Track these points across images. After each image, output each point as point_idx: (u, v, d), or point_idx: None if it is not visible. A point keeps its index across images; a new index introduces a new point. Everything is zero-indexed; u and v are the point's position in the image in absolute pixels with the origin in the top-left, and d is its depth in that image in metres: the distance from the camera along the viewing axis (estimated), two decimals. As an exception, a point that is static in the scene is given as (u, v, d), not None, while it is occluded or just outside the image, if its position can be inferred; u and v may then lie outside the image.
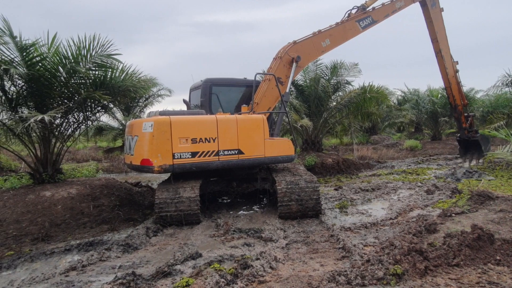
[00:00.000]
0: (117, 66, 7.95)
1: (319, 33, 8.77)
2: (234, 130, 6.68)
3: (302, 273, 4.12)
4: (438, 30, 11.11)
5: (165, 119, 6.23)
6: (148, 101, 21.93)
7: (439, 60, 11.52)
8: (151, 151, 6.20)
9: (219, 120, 6.58)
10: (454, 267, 3.87)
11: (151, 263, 4.76)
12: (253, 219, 6.93)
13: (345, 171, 12.72)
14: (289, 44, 8.47)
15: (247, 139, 6.78)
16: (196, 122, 6.52)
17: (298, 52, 8.39)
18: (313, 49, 8.73)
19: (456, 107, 12.21)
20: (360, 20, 9.37)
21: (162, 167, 6.15)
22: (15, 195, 6.96)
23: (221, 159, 6.56)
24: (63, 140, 8.14)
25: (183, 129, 6.32)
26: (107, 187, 7.97)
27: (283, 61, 8.28)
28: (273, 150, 7.01)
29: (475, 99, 23.14)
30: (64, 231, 6.22)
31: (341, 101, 13.52)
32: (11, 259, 5.01)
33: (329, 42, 8.89)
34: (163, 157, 6.15)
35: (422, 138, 25.12)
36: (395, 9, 10.15)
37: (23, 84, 7.23)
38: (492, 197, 6.27)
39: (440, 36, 11.18)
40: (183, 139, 6.29)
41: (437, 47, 11.29)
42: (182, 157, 6.27)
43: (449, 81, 11.69)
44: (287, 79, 8.32)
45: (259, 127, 6.91)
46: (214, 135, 6.50)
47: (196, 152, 6.37)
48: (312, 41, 8.67)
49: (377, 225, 6.11)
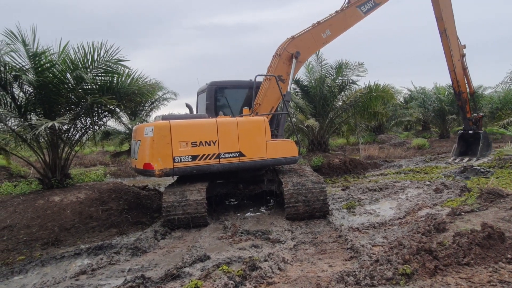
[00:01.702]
0: (124, 71, 8.03)
1: (318, 24, 8.52)
2: (234, 132, 6.71)
3: (310, 274, 4.11)
4: (443, 8, 10.34)
5: (165, 123, 6.34)
6: (154, 105, 22.01)
7: (443, 41, 10.69)
8: (151, 155, 6.34)
9: (219, 123, 6.63)
10: (465, 266, 3.83)
11: (160, 266, 4.78)
12: (261, 220, 6.93)
13: (352, 171, 12.67)
14: (288, 39, 8.26)
15: (248, 141, 6.80)
16: (196, 125, 6.60)
17: (297, 47, 8.19)
18: (313, 42, 8.47)
19: (460, 94, 11.16)
20: (361, 5, 8.99)
21: (163, 171, 6.26)
22: (25, 201, 7.04)
23: (222, 161, 6.61)
24: (71, 145, 8.22)
25: (183, 133, 6.41)
26: (115, 191, 8.02)
27: (282, 58, 8.12)
28: (275, 151, 7.00)
29: (484, 96, 22.93)
30: (74, 235, 6.28)
31: (347, 101, 13.47)
32: (23, 264, 5.07)
33: (329, 33, 8.60)
34: (163, 161, 6.27)
35: (429, 137, 24.95)
36: None
37: (32, 91, 7.33)
38: (502, 195, 6.19)
39: (445, 14, 10.39)
40: (183, 142, 6.39)
41: (442, 26, 10.49)
42: (182, 160, 6.37)
43: (454, 64, 10.76)
44: (288, 76, 8.17)
45: (260, 129, 6.91)
46: (214, 138, 6.55)
47: (196, 155, 6.44)
48: (311, 33, 8.42)
49: (386, 225, 6.07)
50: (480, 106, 21.62)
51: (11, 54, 6.97)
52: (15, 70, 6.64)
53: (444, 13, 10.38)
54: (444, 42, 10.69)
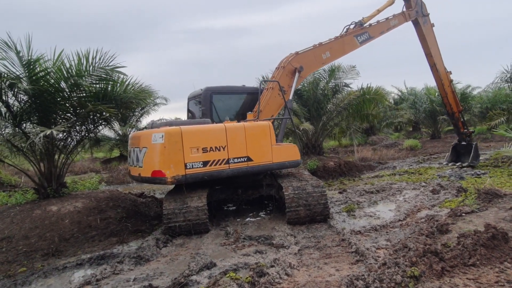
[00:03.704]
0: (119, 78, 7.97)
1: (320, 45, 8.96)
2: (242, 137, 6.70)
3: (318, 278, 4.12)
4: (431, 45, 11.42)
5: (176, 129, 6.24)
6: (145, 110, 21.85)
7: (434, 73, 11.81)
8: (163, 162, 6.18)
9: (227, 128, 6.61)
10: (471, 267, 3.89)
11: (165, 274, 4.74)
12: (261, 225, 6.93)
13: (347, 174, 12.75)
14: (292, 54, 8.63)
15: (255, 146, 6.81)
16: (206, 131, 6.56)
17: (300, 62, 8.52)
18: (314, 60, 8.91)
19: (453, 115, 12.43)
20: (357, 36, 9.62)
21: (175, 177, 6.12)
22: (21, 211, 6.92)
23: (231, 167, 6.59)
24: (67, 153, 8.12)
25: (194, 138, 6.33)
26: (112, 199, 7.94)
27: (286, 71, 8.40)
28: (280, 155, 7.04)
29: (472, 96, 23.32)
30: (74, 245, 6.19)
31: (340, 104, 13.59)
32: (25, 276, 4.98)
33: (329, 55, 9.09)
34: (176, 167, 6.14)
35: (420, 137, 25.26)
36: (389, 26, 10.44)
37: (27, 99, 7.22)
38: (500, 195, 6.30)
39: (433, 51, 11.50)
40: (194, 148, 6.29)
41: (431, 61, 11.58)
42: (194, 166, 6.27)
43: (445, 90, 12.00)
44: (290, 88, 8.46)
45: (266, 133, 6.94)
46: (224, 143, 6.52)
47: (207, 161, 6.38)
48: (314, 53, 8.84)
49: (387, 227, 6.13)
50: (470, 106, 22.01)
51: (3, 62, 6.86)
52: (10, 79, 6.52)
53: (432, 50, 11.46)
54: (435, 74, 11.77)
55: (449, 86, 12.16)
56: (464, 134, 12.56)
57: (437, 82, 12.09)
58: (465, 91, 22.67)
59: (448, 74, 12.09)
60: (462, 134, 12.62)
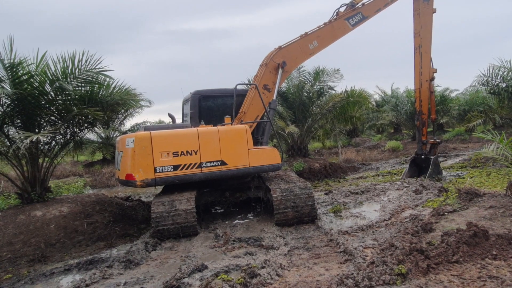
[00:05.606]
0: (105, 80, 7.91)
1: (306, 35, 8.65)
2: (216, 141, 6.77)
3: (309, 278, 4.20)
4: (423, 25, 10.22)
5: (146, 134, 6.38)
6: (128, 113, 21.58)
7: (416, 57, 10.46)
8: (133, 166, 6.35)
9: (200, 133, 6.68)
10: (454, 263, 4.05)
11: (156, 278, 4.74)
12: (250, 227, 6.98)
13: (332, 175, 12.94)
14: (275, 49, 8.40)
15: (230, 150, 6.86)
16: (177, 135, 6.64)
17: (284, 57, 8.32)
18: (300, 52, 8.59)
19: (420, 114, 10.73)
20: (349, 18, 9.10)
21: (144, 181, 6.29)
22: (4, 217, 6.78)
23: (204, 171, 6.66)
24: (51, 157, 7.99)
25: (164, 143, 6.45)
26: (99, 203, 7.86)
27: (269, 68, 8.25)
28: (258, 159, 7.07)
29: (450, 98, 23.98)
30: (60, 250, 6.11)
31: (325, 106, 13.79)
32: (11, 282, 4.89)
33: (317, 44, 8.72)
34: (145, 171, 6.30)
35: (401, 139, 25.78)
36: (387, 2, 9.63)
37: (9, 103, 7.07)
38: (479, 194, 6.54)
39: (424, 32, 10.26)
40: (164, 153, 6.42)
41: (417, 42, 10.33)
42: (164, 170, 6.40)
43: (420, 82, 10.49)
44: (274, 85, 8.29)
45: (242, 137, 6.99)
46: (196, 148, 6.61)
47: (178, 165, 6.49)
48: (299, 44, 8.55)
49: (373, 227, 6.27)
50: (448, 108, 22.62)
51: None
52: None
53: (423, 30, 10.30)
54: (417, 58, 10.51)
55: (428, 81, 10.54)
56: (425, 143, 10.89)
57: (415, 69, 10.57)
58: (443, 94, 23.29)
59: (433, 70, 10.61)
60: (423, 143, 10.89)
